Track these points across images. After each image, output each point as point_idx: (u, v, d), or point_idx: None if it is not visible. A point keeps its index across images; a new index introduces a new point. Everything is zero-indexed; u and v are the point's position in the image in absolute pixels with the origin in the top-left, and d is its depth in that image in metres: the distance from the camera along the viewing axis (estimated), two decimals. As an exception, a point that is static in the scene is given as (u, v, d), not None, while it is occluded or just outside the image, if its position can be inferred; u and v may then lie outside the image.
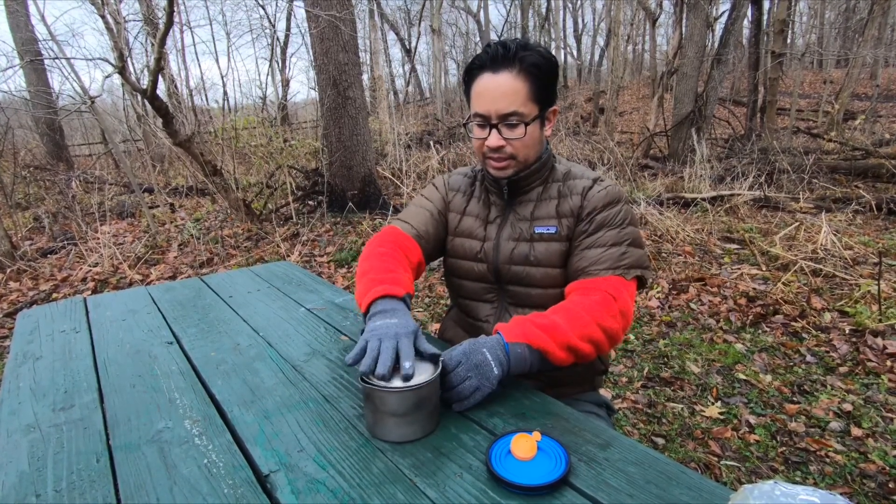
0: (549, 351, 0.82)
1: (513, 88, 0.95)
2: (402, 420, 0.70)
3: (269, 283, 1.47)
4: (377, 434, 0.73)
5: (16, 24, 8.41)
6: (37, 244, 4.90)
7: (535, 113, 0.98)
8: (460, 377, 0.77)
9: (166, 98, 6.59)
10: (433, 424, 0.74)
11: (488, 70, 0.97)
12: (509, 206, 1.09)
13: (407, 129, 9.54)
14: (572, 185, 1.04)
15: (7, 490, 0.65)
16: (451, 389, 0.77)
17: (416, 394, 0.70)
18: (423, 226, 1.13)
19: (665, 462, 0.64)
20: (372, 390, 0.71)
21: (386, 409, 0.71)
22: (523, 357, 0.82)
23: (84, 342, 1.11)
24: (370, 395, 0.72)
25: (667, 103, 8.77)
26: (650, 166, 6.95)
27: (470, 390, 0.77)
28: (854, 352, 2.32)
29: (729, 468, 1.68)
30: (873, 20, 8.56)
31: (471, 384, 0.77)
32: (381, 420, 0.72)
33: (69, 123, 12.82)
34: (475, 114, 1.00)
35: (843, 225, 4.16)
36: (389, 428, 0.71)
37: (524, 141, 0.99)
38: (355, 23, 5.82)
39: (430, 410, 0.73)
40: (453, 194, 1.17)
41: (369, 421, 0.74)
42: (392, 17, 21.13)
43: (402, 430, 0.71)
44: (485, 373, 0.78)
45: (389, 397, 0.70)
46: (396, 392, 0.70)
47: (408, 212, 1.17)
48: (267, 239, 4.71)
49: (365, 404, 0.74)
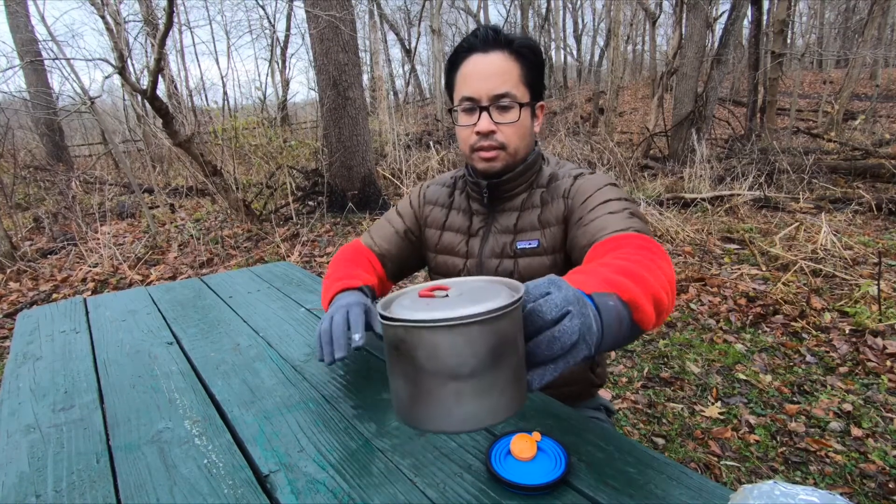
0: (640, 305, 0.59)
1: (505, 68, 0.89)
2: (473, 384, 0.42)
3: (269, 284, 1.47)
4: (422, 419, 0.44)
5: (16, 25, 8.41)
6: (37, 245, 4.90)
7: (527, 99, 0.92)
8: (556, 308, 0.46)
9: (166, 98, 6.60)
10: (521, 394, 0.45)
11: (478, 51, 0.90)
12: (491, 214, 1.01)
13: (407, 130, 9.55)
14: (554, 189, 0.97)
15: (7, 490, 0.65)
16: (544, 331, 0.46)
17: (496, 329, 0.42)
18: (387, 244, 1.09)
19: (665, 462, 0.64)
20: (412, 332, 0.42)
21: (442, 364, 0.41)
22: (617, 313, 0.56)
23: (84, 342, 1.11)
24: (408, 345, 0.42)
25: (667, 103, 8.78)
26: (650, 166, 6.95)
27: (571, 336, 0.46)
28: (854, 352, 2.32)
29: (729, 468, 1.68)
30: (873, 20, 8.57)
31: (572, 325, 0.46)
32: (432, 391, 0.42)
33: (69, 124, 12.82)
34: (463, 98, 0.92)
35: (842, 225, 4.16)
36: (447, 403, 0.42)
37: (516, 127, 0.92)
38: (355, 23, 5.82)
39: (514, 366, 0.44)
40: (430, 208, 1.09)
41: (405, 397, 0.44)
42: (392, 18, 21.14)
43: (475, 405, 0.42)
44: (587, 319, 0.49)
45: (448, 338, 0.41)
46: (463, 324, 0.40)
47: (377, 226, 1.13)
48: (267, 239, 4.71)
49: (395, 369, 0.45)
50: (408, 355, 0.42)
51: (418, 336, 0.41)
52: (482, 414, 0.43)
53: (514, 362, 0.44)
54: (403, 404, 0.45)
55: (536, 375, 0.47)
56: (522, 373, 0.46)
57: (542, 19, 20.38)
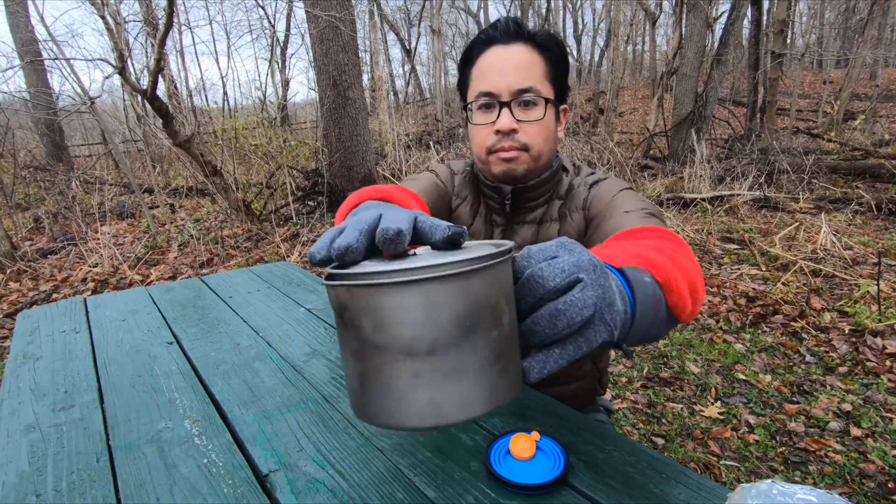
0: (675, 288, 0.50)
1: (528, 61, 0.81)
2: (434, 364, 0.32)
3: (269, 284, 1.47)
4: (372, 410, 0.34)
5: (16, 25, 8.41)
6: (37, 245, 4.90)
7: (552, 96, 0.83)
8: (563, 274, 0.37)
9: (166, 99, 6.60)
10: (507, 383, 0.35)
11: (498, 43, 0.82)
12: (509, 226, 0.93)
13: (407, 130, 9.55)
14: (572, 201, 0.89)
15: (7, 490, 0.65)
16: (545, 303, 0.37)
17: (465, 289, 0.32)
18: (426, 193, 0.90)
19: (664, 462, 0.64)
20: (354, 293, 0.32)
21: (392, 336, 0.32)
22: (654, 291, 0.46)
23: (84, 342, 1.11)
24: (353, 311, 0.33)
25: (667, 103, 8.77)
26: (650, 167, 6.95)
27: (582, 310, 0.36)
28: (853, 352, 2.32)
29: (728, 468, 1.69)
30: (873, 20, 8.56)
31: (584, 297, 0.36)
32: (382, 372, 0.33)
33: (69, 124, 12.82)
34: (481, 93, 0.82)
35: (842, 225, 4.16)
36: (399, 389, 0.33)
37: (541, 126, 0.82)
38: (355, 23, 5.82)
39: (496, 344, 0.34)
40: (458, 202, 0.97)
41: (354, 382, 0.35)
42: (392, 18, 21.15)
43: (436, 392, 0.32)
44: (606, 292, 0.39)
45: (397, 300, 0.31)
46: (417, 281, 0.31)
47: (406, 179, 0.96)
48: (267, 239, 4.71)
49: (343, 346, 0.36)
50: (353, 325, 0.33)
51: (362, 298, 0.32)
52: (448, 405, 0.32)
53: (496, 339, 0.34)
54: (353, 391, 0.36)
55: (536, 362, 0.37)
56: (511, 356, 0.36)
57: (542, 19, 20.38)
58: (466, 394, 0.33)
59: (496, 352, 0.34)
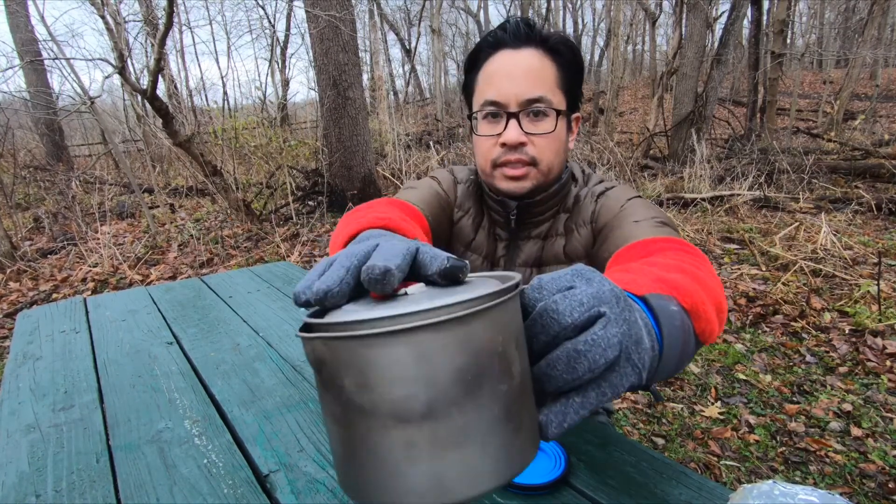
0: (703, 313, 0.45)
1: (539, 68, 0.75)
2: (432, 430, 0.27)
3: (269, 284, 1.47)
4: (361, 486, 0.29)
5: (16, 25, 8.41)
6: (37, 244, 4.90)
7: (563, 106, 0.77)
8: (582, 307, 0.31)
9: (166, 98, 6.60)
10: (523, 444, 0.29)
11: (507, 47, 0.76)
12: (513, 242, 0.88)
13: (407, 130, 9.54)
14: (579, 214, 0.84)
15: (7, 490, 0.65)
16: (562, 343, 0.31)
17: (466, 336, 0.27)
18: (426, 204, 0.83)
19: (665, 462, 0.64)
20: (332, 346, 0.27)
21: (380, 397, 0.27)
22: (682, 322, 0.41)
23: (84, 342, 1.11)
24: (332, 368, 0.28)
25: (667, 103, 8.77)
26: (650, 166, 6.96)
27: (606, 351, 0.30)
28: (854, 352, 2.32)
29: (729, 468, 1.68)
30: (873, 20, 8.57)
31: (607, 335, 0.31)
32: (370, 442, 0.27)
33: (69, 124, 12.82)
34: (487, 101, 0.76)
35: (842, 225, 4.16)
36: (393, 462, 0.27)
37: (551, 139, 0.77)
38: (355, 23, 5.82)
39: (506, 399, 0.28)
40: (460, 214, 0.91)
41: (338, 450, 0.30)
42: (392, 18, 21.15)
43: (437, 465, 0.27)
44: (632, 327, 0.34)
45: (384, 353, 0.26)
46: (406, 330, 0.26)
47: (404, 190, 0.89)
48: (267, 239, 4.71)
49: (324, 408, 0.31)
50: (333, 385, 0.28)
51: (342, 352, 0.27)
52: (452, 479, 0.27)
53: (506, 393, 0.28)
54: (338, 462, 0.30)
55: (554, 414, 0.31)
56: (525, 410, 0.29)
57: (542, 19, 20.37)
58: (474, 464, 0.27)
59: (507, 409, 0.28)
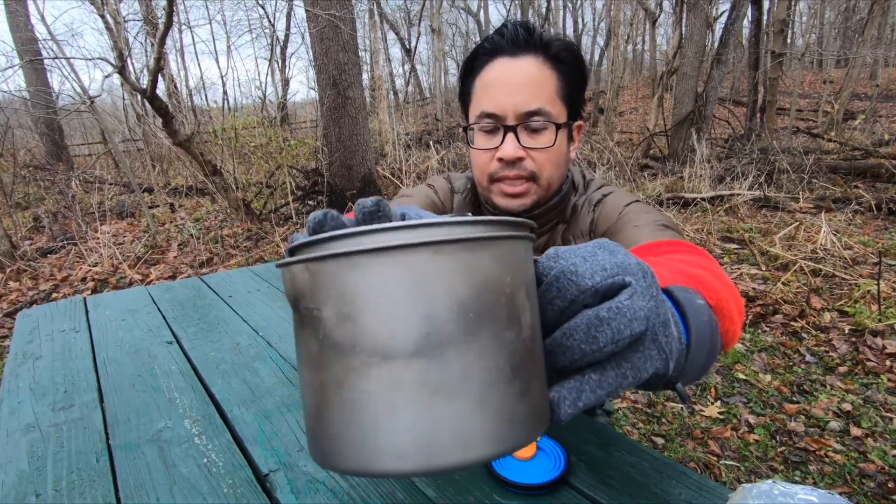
0: (726, 311, 0.43)
1: (538, 78, 0.71)
2: (422, 369, 0.22)
3: (269, 283, 1.47)
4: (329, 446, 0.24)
5: (15, 24, 8.40)
6: (36, 244, 4.90)
7: (563, 118, 0.74)
8: (603, 272, 0.28)
9: (166, 98, 6.60)
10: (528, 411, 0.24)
11: (504, 54, 0.72)
12: None
13: (407, 129, 9.54)
14: (576, 225, 0.81)
15: (7, 490, 0.65)
16: (581, 311, 0.28)
17: (469, 264, 0.23)
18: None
19: (664, 462, 0.64)
20: (315, 271, 0.23)
21: (363, 327, 0.22)
22: (710, 318, 0.37)
23: (84, 342, 1.11)
24: (311, 298, 0.23)
25: (667, 103, 8.77)
26: (650, 166, 6.95)
27: (632, 322, 0.27)
28: (853, 352, 2.32)
29: (728, 468, 1.69)
30: (873, 20, 8.56)
31: (633, 304, 0.27)
32: (345, 385, 0.23)
33: (69, 123, 12.81)
34: (483, 114, 0.72)
35: (842, 225, 4.16)
36: (373, 410, 0.22)
37: (550, 153, 0.73)
38: (355, 22, 5.82)
39: (510, 352, 0.24)
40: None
41: (310, 405, 0.26)
42: (392, 17, 21.13)
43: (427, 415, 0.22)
44: (660, 306, 0.30)
45: (373, 274, 0.22)
46: (402, 248, 0.22)
47: (401, 199, 0.88)
48: (267, 239, 4.71)
49: (301, 350, 0.25)
50: (311, 320, 0.24)
51: (326, 275, 0.23)
52: (441, 436, 0.22)
53: (513, 343, 0.24)
54: (308, 420, 0.26)
55: (568, 391, 0.27)
56: (534, 372, 0.25)
57: (542, 19, 20.37)
58: (468, 420, 0.22)
59: (512, 364, 0.23)
